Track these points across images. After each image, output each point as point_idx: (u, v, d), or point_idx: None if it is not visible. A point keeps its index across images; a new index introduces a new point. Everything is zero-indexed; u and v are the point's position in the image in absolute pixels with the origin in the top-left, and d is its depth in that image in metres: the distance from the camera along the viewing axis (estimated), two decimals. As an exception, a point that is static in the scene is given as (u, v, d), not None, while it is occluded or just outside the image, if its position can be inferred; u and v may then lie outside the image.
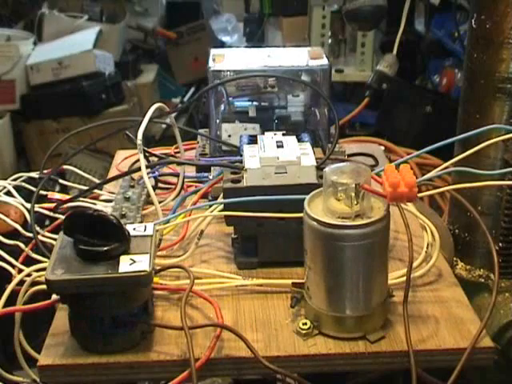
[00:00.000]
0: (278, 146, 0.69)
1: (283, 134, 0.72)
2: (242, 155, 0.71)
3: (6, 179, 0.89)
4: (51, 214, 0.81)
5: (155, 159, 0.87)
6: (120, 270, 0.56)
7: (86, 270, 0.56)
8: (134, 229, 0.62)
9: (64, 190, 1.13)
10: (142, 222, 0.78)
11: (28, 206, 0.81)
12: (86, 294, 0.56)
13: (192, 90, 3.10)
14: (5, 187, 0.86)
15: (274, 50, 0.93)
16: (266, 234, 0.69)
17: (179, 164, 0.87)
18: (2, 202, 0.83)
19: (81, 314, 0.58)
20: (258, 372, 0.58)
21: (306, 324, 0.60)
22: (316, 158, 0.68)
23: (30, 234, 0.76)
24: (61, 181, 0.95)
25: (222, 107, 0.91)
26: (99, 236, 0.58)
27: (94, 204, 0.83)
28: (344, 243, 0.56)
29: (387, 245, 0.60)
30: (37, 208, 0.81)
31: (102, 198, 0.85)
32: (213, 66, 0.87)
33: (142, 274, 0.56)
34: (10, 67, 2.50)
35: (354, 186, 0.56)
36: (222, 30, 3.38)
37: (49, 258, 0.60)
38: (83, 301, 0.57)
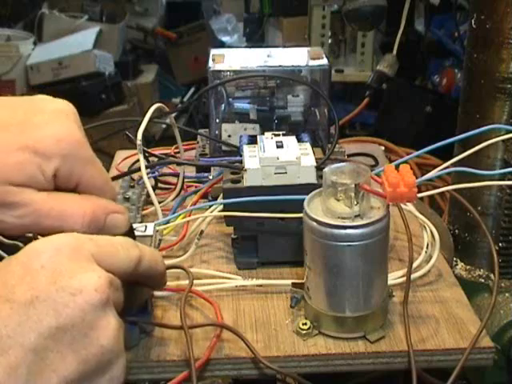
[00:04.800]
0: (278, 146, 0.69)
1: (283, 134, 0.72)
2: (241, 155, 0.71)
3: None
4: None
5: (155, 159, 0.87)
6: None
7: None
8: (135, 229, 0.62)
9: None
10: (141, 222, 0.78)
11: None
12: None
13: (192, 90, 3.10)
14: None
15: (274, 50, 0.93)
16: (266, 234, 0.69)
17: (179, 164, 0.87)
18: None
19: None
20: (258, 372, 0.58)
21: (305, 324, 0.60)
22: (316, 158, 0.68)
23: (30, 234, 0.76)
24: (61, 181, 0.95)
25: (222, 107, 0.91)
26: None
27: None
28: (344, 243, 0.56)
29: (387, 245, 0.60)
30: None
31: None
32: (213, 66, 0.87)
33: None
34: (10, 67, 2.51)
35: (353, 186, 0.56)
36: (222, 29, 3.38)
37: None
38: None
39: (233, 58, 0.89)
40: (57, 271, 0.44)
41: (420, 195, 0.59)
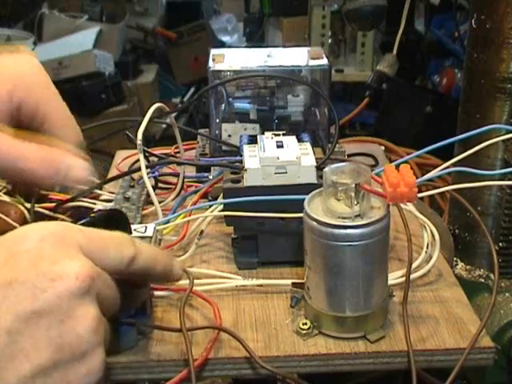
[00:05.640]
0: (278, 146, 0.69)
1: (283, 134, 0.72)
2: (241, 155, 0.71)
3: (6, 179, 0.89)
4: (51, 213, 0.81)
5: (155, 159, 0.87)
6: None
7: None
8: (135, 229, 0.62)
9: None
10: (141, 222, 0.78)
11: (28, 205, 0.81)
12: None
13: (192, 90, 3.10)
14: (5, 187, 0.86)
15: (274, 49, 0.93)
16: (266, 233, 0.69)
17: (179, 164, 0.87)
18: (2, 202, 0.83)
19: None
20: (258, 372, 0.58)
21: (306, 324, 0.60)
22: (316, 158, 0.68)
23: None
24: (61, 181, 0.95)
25: (222, 107, 0.91)
26: None
27: (94, 204, 0.83)
28: (344, 243, 0.56)
29: (387, 245, 0.60)
30: (37, 208, 0.81)
31: (102, 197, 0.85)
32: (213, 66, 0.87)
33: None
34: (10, 67, 2.50)
35: (353, 186, 0.56)
36: (222, 29, 3.38)
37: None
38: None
39: (233, 58, 0.89)
40: (39, 256, 0.43)
41: (420, 195, 0.59)
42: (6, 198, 0.83)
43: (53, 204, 0.82)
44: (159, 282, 0.55)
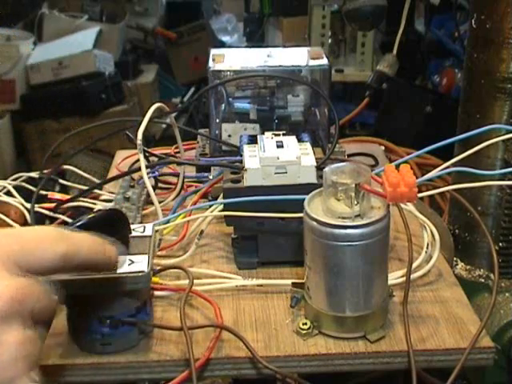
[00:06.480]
0: (278, 146, 0.69)
1: (283, 134, 0.72)
2: (241, 155, 0.71)
3: (6, 179, 0.89)
4: (51, 213, 0.82)
5: (155, 159, 0.87)
6: (118, 271, 0.56)
7: (85, 270, 0.56)
8: (134, 229, 0.62)
9: (64, 189, 1.13)
10: (141, 222, 0.78)
11: (28, 206, 0.81)
12: (85, 294, 0.56)
13: (192, 90, 3.10)
14: (5, 187, 0.87)
15: (273, 49, 0.93)
16: (266, 233, 0.69)
17: (179, 164, 0.87)
18: (2, 202, 0.83)
19: (79, 315, 0.58)
20: (258, 372, 0.58)
21: (306, 324, 0.60)
22: (316, 158, 0.68)
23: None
24: (61, 181, 0.95)
25: (222, 107, 0.91)
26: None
27: (94, 204, 0.83)
28: (344, 243, 0.56)
29: (387, 245, 0.60)
30: (37, 208, 0.81)
31: (102, 198, 0.86)
32: (213, 66, 0.87)
33: (140, 274, 0.56)
34: (10, 67, 2.50)
35: (353, 186, 0.56)
36: (222, 29, 3.39)
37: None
38: (81, 301, 0.57)
39: (233, 58, 0.89)
40: None
41: (420, 195, 0.59)
42: (6, 198, 0.83)
43: (53, 204, 0.82)
44: (102, 271, 0.53)
